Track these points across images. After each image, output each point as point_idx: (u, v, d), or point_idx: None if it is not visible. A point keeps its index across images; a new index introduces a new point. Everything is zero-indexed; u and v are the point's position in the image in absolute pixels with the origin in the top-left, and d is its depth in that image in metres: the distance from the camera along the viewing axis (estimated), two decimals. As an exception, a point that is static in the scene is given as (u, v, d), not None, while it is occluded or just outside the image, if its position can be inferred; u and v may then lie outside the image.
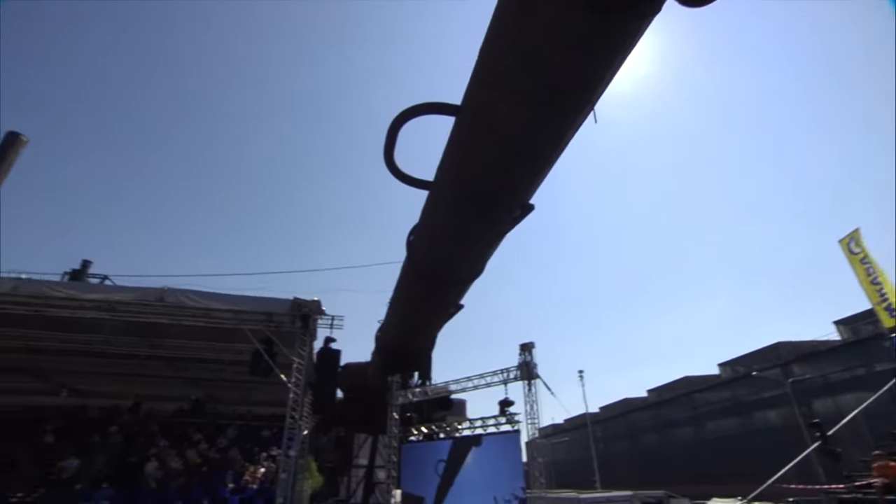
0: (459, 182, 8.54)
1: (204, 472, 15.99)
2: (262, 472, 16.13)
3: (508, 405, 13.91)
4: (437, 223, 10.15)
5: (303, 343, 12.63)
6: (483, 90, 6.86)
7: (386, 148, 9.58)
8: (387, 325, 16.23)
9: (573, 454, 54.18)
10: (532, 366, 13.15)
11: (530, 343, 13.47)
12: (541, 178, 8.58)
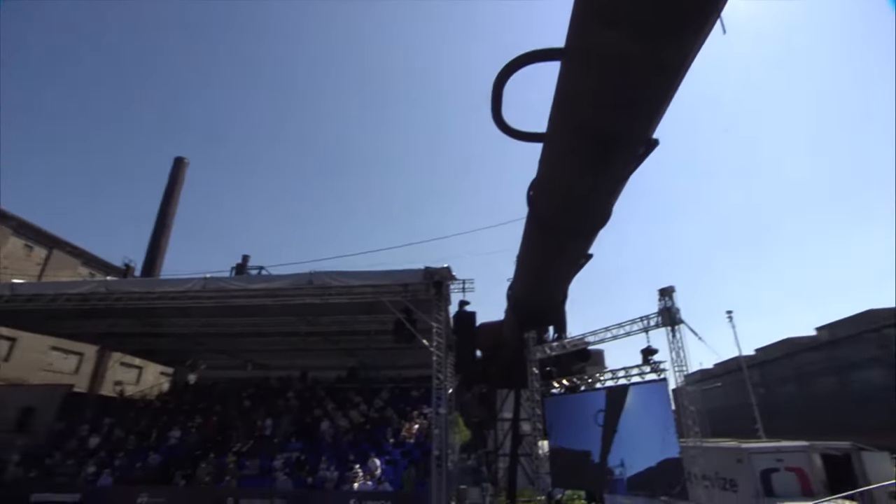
0: (574, 128, 8.11)
1: (367, 429, 18.00)
2: (417, 428, 17.68)
3: (652, 353, 13.34)
4: (556, 174, 9.82)
5: (438, 308, 13.37)
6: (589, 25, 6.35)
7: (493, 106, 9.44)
8: (517, 283, 16.36)
9: (729, 401, 50.23)
10: (674, 311, 12.38)
11: (670, 287, 12.65)
12: (663, 108, 7.79)
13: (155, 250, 43.33)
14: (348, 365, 23.77)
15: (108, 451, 17.46)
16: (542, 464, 14.48)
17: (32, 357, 26.32)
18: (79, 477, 15.66)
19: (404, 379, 23.09)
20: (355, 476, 13.90)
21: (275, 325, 17.88)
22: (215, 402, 21.55)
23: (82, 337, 21.99)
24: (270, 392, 22.43)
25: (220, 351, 23.40)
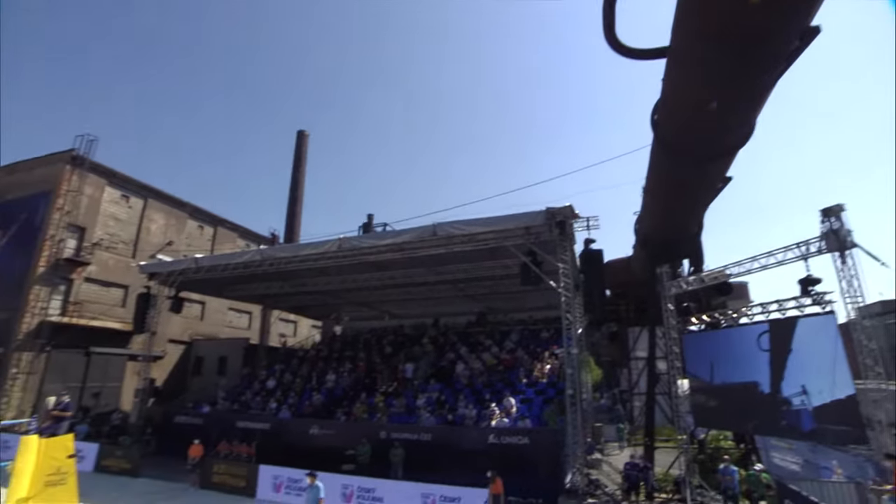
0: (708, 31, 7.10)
1: (500, 370, 18.77)
2: (549, 368, 17.99)
3: (813, 283, 11.75)
4: (685, 90, 8.80)
5: (563, 249, 13.14)
6: None
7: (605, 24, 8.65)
8: (644, 216, 15.32)
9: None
10: (844, 234, 10.64)
11: (837, 206, 10.83)
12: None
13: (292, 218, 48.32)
14: (477, 310, 24.70)
15: (282, 391, 20.69)
16: (681, 403, 13.90)
17: (217, 317, 31.70)
18: (265, 410, 18.86)
19: (533, 321, 23.43)
20: (492, 414, 14.71)
21: (405, 276, 19.12)
22: (360, 350, 24.09)
23: (248, 298, 25.79)
24: (407, 339, 24.38)
25: (359, 304, 25.86)
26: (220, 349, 28.26)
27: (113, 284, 25.48)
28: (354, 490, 11.65)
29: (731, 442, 16.36)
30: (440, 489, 10.96)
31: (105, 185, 25.61)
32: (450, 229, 13.87)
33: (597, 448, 18.71)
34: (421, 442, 14.19)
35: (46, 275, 22.35)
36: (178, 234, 29.34)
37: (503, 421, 14.34)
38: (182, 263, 19.15)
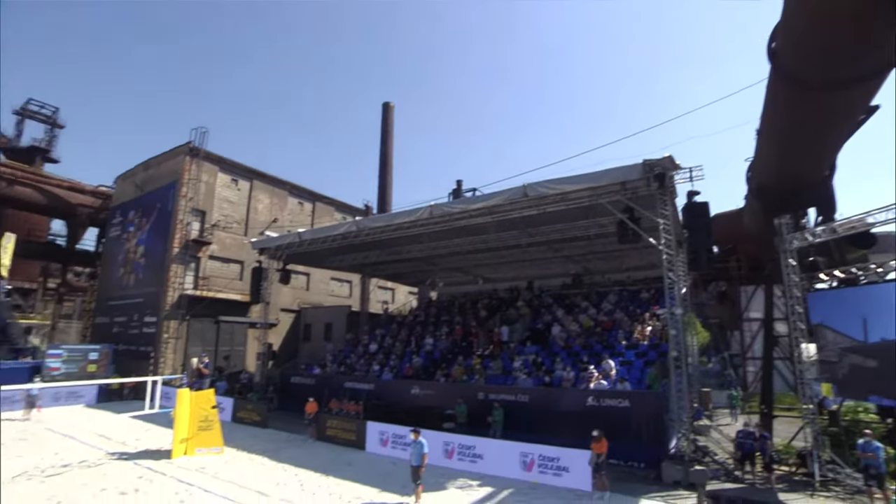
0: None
1: (598, 332, 18.26)
2: (650, 330, 17.14)
3: None
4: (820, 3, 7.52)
5: (663, 203, 12.21)
6: None
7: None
8: (759, 161, 13.64)
9: None
10: None
11: None
12: None
13: (384, 189, 50.01)
14: (572, 272, 24.07)
15: (384, 354, 21.99)
16: (806, 369, 12.52)
17: (321, 286, 34.28)
18: (368, 372, 20.23)
19: (632, 281, 22.37)
20: (591, 376, 14.42)
21: (497, 240, 19.01)
22: (455, 314, 24.71)
23: (347, 268, 27.37)
24: (502, 302, 24.53)
25: (453, 269, 26.37)
26: (325, 316, 30.61)
27: (231, 260, 28.48)
28: (455, 447, 12.20)
29: (873, 415, 14.49)
30: (539, 449, 11.10)
31: (217, 172, 28.32)
32: (541, 189, 13.43)
33: (705, 414, 17.69)
34: (518, 403, 14.38)
35: (180, 254, 25.52)
36: (282, 212, 31.78)
37: (601, 383, 14.03)
38: (287, 238, 20.74)
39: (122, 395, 22.82)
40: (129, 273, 28.54)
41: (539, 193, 13.47)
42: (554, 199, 13.74)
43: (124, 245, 29.59)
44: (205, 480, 10.58)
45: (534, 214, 14.82)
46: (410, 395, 16.91)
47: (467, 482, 10.80)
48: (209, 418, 13.07)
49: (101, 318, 30.24)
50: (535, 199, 13.82)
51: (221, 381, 21.79)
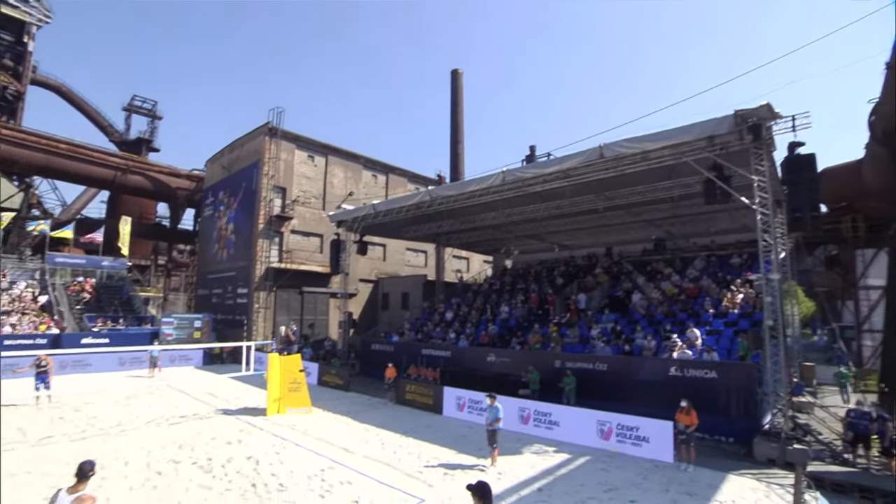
0: None
1: (682, 299, 17.37)
2: (741, 298, 16.00)
3: None
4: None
5: (759, 158, 11.16)
6: None
7: None
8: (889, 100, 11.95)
9: None
10: None
11: None
12: None
13: (455, 157, 50.06)
14: (654, 236, 22.91)
15: (459, 323, 22.51)
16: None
17: (397, 257, 35.49)
18: (445, 340, 20.86)
19: (720, 245, 20.90)
20: (674, 345, 13.86)
21: (573, 205, 18.43)
22: (531, 282, 24.58)
23: (422, 238, 28.05)
24: (579, 269, 24.01)
25: (528, 236, 26.08)
26: (402, 286, 31.76)
27: (311, 234, 30.22)
28: (531, 413, 12.38)
29: None
30: (617, 418, 10.98)
31: (294, 149, 29.84)
32: (618, 149, 12.72)
33: (807, 390, 16.39)
34: (596, 372, 14.23)
35: (265, 230, 27.50)
36: (357, 185, 32.97)
37: (686, 353, 13.44)
38: (362, 210, 21.57)
39: (223, 359, 25.75)
40: (222, 249, 31.31)
41: (617, 154, 12.82)
42: (633, 159, 13.03)
43: (216, 223, 32.40)
44: (295, 436, 11.71)
45: (611, 177, 14.19)
46: (486, 363, 17.29)
47: (543, 448, 10.99)
48: (297, 381, 14.30)
49: (202, 290, 33.64)
50: (613, 159, 13.18)
51: (307, 348, 23.63)
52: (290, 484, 8.36)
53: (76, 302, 28.05)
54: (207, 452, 10.13)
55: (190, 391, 17.68)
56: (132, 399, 15.93)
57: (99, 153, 36.20)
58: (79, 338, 22.95)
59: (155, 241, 45.83)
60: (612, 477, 9.10)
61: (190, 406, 15.05)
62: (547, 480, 8.88)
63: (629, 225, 21.69)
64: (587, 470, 9.56)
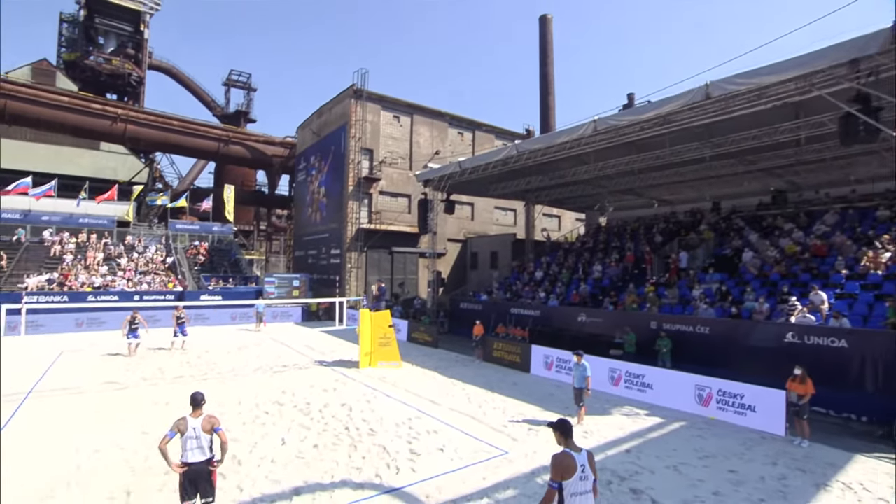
0: None
1: (805, 258, 15.63)
2: (888, 257, 14.01)
3: None
4: None
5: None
6: None
7: None
8: None
9: None
10: None
11: None
12: None
13: (546, 110, 48.26)
14: (772, 188, 20.67)
15: (549, 282, 22.27)
16: None
17: (486, 215, 35.59)
18: (534, 299, 20.81)
19: (863, 196, 18.31)
20: (793, 309, 12.61)
21: (675, 155, 17.10)
22: (627, 240, 23.50)
23: (510, 195, 27.69)
24: (681, 226, 22.49)
25: (623, 191, 24.78)
26: (490, 245, 31.95)
27: (399, 194, 31.15)
28: (622, 374, 12.11)
29: None
30: (719, 383, 10.39)
31: (380, 110, 30.53)
32: (728, 87, 11.33)
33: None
34: (696, 335, 13.48)
35: (354, 191, 28.83)
36: (443, 143, 33.15)
37: (807, 318, 12.19)
38: (448, 168, 21.74)
39: (319, 317, 28.20)
40: (315, 212, 33.42)
41: (726, 92, 11.49)
42: (746, 98, 11.66)
43: (309, 187, 34.54)
44: (385, 387, 12.59)
45: (719, 121, 12.86)
46: (577, 323, 17.07)
47: (634, 410, 10.77)
48: (387, 335, 15.21)
49: (299, 252, 36.39)
50: (722, 100, 11.89)
51: (397, 306, 24.89)
52: (380, 430, 9.09)
53: (194, 263, 31.78)
54: (306, 398, 11.29)
55: (290, 344, 19.61)
56: (242, 349, 18.07)
57: (204, 127, 40.01)
58: (198, 295, 26.11)
59: (255, 207, 50.12)
60: (709, 444, 8.72)
61: (291, 357, 16.70)
62: (636, 442, 8.74)
63: (741, 176, 19.72)
64: (681, 435, 9.25)
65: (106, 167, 39.61)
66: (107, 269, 27.27)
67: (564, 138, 16.13)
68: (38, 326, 21.06)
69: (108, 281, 25.92)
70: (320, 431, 8.95)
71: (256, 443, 8.34)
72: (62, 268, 25.98)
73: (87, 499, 6.25)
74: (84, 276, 25.65)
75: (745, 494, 6.69)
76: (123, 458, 7.60)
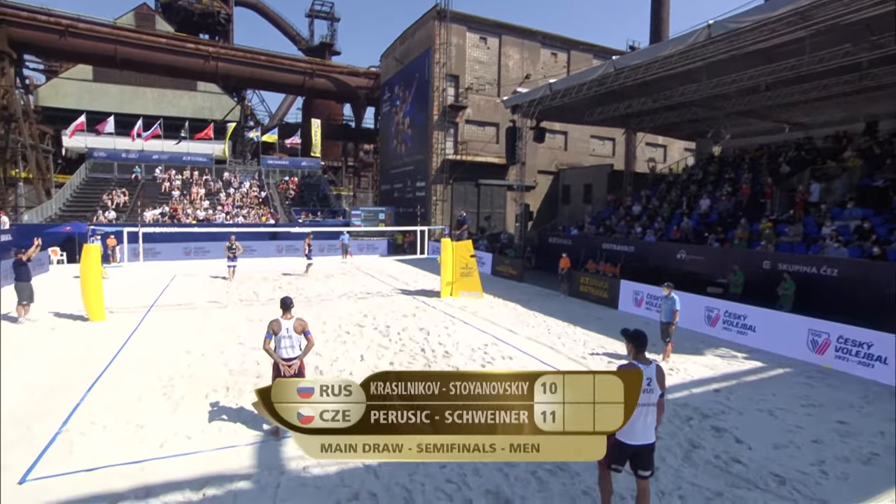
0: None
1: None
2: None
3: None
4: None
5: None
6: None
7: None
8: None
9: None
10: None
11: None
12: None
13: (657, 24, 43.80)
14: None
15: (647, 217, 21.22)
16: None
17: (580, 145, 34.13)
18: (629, 234, 20.05)
19: None
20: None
21: (817, 62, 14.82)
22: (744, 171, 21.46)
23: (608, 121, 26.15)
24: (817, 154, 20.04)
25: (744, 113, 22.27)
26: (584, 177, 30.81)
27: (486, 123, 30.70)
28: (721, 314, 11.52)
29: None
30: (840, 328, 9.53)
31: (466, 32, 29.66)
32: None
33: None
34: (820, 277, 12.34)
35: (439, 121, 28.86)
36: (534, 66, 31.72)
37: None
38: (538, 92, 20.91)
39: (404, 249, 29.49)
40: (400, 143, 34.08)
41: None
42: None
43: (394, 118, 35.09)
44: (465, 315, 13.19)
45: (885, 12, 10.90)
46: (675, 260, 16.31)
47: (730, 352, 10.32)
48: (468, 266, 15.65)
49: (385, 186, 37.69)
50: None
51: (482, 240, 25.26)
52: (455, 353, 9.65)
53: (285, 198, 34.19)
54: (386, 322, 12.23)
55: (375, 274, 21.09)
56: (329, 278, 19.68)
57: (289, 60, 41.65)
58: (289, 227, 28.32)
59: (343, 141, 52.00)
60: (817, 393, 8.16)
61: (374, 286, 17.98)
62: (728, 384, 8.46)
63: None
64: (784, 381, 8.73)
65: (203, 107, 43.09)
66: (208, 204, 30.32)
67: (671, 50, 14.76)
68: (156, 254, 24.26)
69: (210, 214, 28.90)
70: (397, 351, 9.72)
71: (337, 358, 9.29)
72: (172, 202, 29.32)
73: (196, 389, 7.62)
74: (190, 210, 28.79)
75: (854, 447, 6.23)
76: (223, 361, 9.00)
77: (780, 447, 6.17)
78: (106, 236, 21.81)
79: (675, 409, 7.25)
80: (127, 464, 5.41)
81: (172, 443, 5.92)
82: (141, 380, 7.96)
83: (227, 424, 6.43)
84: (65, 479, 5.08)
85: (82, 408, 6.85)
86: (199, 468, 5.35)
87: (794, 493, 5.17)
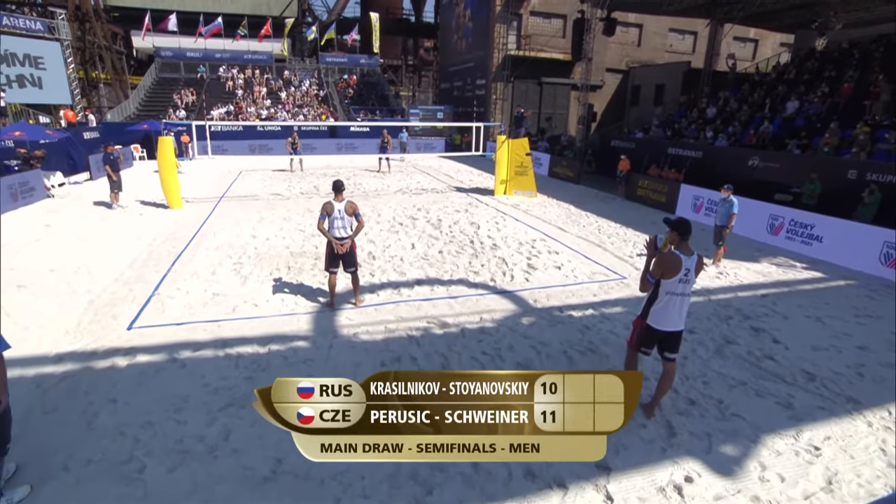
0: None
1: None
2: None
3: None
4: None
5: None
6: None
7: None
8: None
9: None
10: None
11: None
12: None
13: None
14: None
15: (723, 120, 19.75)
16: None
17: (656, 40, 31.29)
18: (699, 139, 18.89)
19: None
20: None
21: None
22: (851, 68, 19.11)
23: (691, 11, 23.59)
24: None
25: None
26: (657, 77, 28.59)
27: (552, 15, 28.62)
28: (785, 223, 11.00)
29: None
30: (917, 241, 8.95)
31: None
32: None
33: None
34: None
35: (502, 13, 27.16)
36: (613, -55, 28.54)
37: None
38: (612, -25, 19.09)
39: (461, 148, 29.12)
40: (461, 38, 32.54)
41: None
42: None
43: (455, 10, 33.22)
44: (517, 213, 13.47)
45: None
46: (746, 167, 15.36)
47: (788, 261, 9.97)
48: (524, 164, 15.54)
49: (444, 84, 36.67)
50: None
51: (542, 141, 24.61)
52: (503, 245, 10.07)
53: (344, 97, 34.14)
54: (438, 215, 12.77)
55: (431, 172, 21.59)
56: (385, 175, 20.25)
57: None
58: (347, 126, 28.62)
59: (402, 37, 50.12)
60: (878, 306, 7.78)
61: (429, 183, 18.51)
62: (778, 290, 8.27)
63: None
64: (843, 293, 8.37)
65: (261, 3, 42.32)
66: (270, 102, 30.90)
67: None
68: (223, 151, 25.48)
69: (272, 113, 29.54)
70: (447, 242, 10.24)
71: (390, 245, 9.95)
72: (236, 101, 30.08)
73: (262, 267, 8.58)
74: (252, 108, 29.51)
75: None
76: (285, 244, 9.94)
77: (820, 349, 6.14)
78: (179, 133, 23.11)
79: (716, 308, 7.29)
80: (207, 321, 6.39)
81: (242, 308, 6.82)
82: (215, 257, 9.04)
83: (288, 296, 7.24)
84: (159, 329, 6.17)
85: (169, 277, 7.99)
86: (264, 329, 6.19)
87: (822, 388, 5.24)
